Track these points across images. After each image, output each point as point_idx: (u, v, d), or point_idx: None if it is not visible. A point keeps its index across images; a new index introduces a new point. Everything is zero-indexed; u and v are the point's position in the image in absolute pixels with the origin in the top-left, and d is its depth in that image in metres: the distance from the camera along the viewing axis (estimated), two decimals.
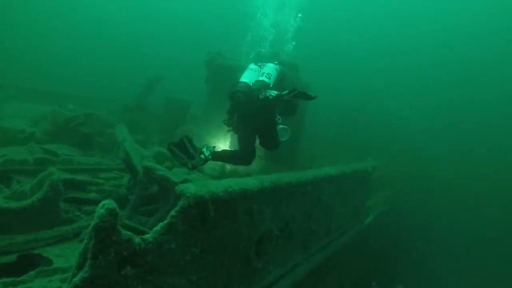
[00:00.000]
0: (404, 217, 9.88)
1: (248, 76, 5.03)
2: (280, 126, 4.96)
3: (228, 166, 5.86)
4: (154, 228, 1.91)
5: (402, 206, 9.55)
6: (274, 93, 4.89)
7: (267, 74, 4.96)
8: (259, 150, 6.36)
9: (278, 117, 5.12)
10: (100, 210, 1.62)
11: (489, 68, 21.12)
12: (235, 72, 6.88)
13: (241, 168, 5.78)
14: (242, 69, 6.84)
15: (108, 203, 1.64)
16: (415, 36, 24.94)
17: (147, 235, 1.86)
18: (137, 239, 1.80)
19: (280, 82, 5.21)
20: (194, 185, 2.15)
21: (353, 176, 5.30)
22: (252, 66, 5.17)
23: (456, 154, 14.59)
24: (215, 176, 5.32)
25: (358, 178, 5.53)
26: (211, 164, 4.79)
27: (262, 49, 6.90)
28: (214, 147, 4.48)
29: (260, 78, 4.90)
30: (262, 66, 5.28)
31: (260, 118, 4.91)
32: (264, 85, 4.81)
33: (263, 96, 4.86)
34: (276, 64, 5.25)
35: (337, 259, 4.73)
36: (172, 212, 2.00)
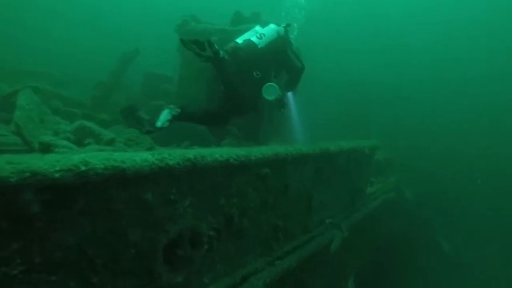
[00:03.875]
0: (416, 205, 8.81)
1: (244, 36, 4.53)
2: (268, 84, 4.25)
3: None
4: None
5: (412, 192, 8.48)
6: (258, 74, 4.42)
7: (260, 34, 4.44)
8: (236, 128, 5.45)
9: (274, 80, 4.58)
10: None
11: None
12: (210, 36, 5.95)
13: None
14: (220, 32, 5.91)
15: None
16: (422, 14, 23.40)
17: None
18: None
19: (280, 47, 4.63)
20: None
21: (342, 157, 4.31)
22: (257, 27, 4.67)
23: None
24: None
25: (350, 159, 4.54)
26: None
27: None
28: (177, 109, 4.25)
29: (249, 37, 4.44)
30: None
31: (243, 82, 4.35)
32: (250, 45, 4.35)
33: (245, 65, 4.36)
34: (281, 26, 4.68)
35: (318, 262, 3.79)
36: None
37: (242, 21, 5.74)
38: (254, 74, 4.35)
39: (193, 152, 2.03)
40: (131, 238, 1.77)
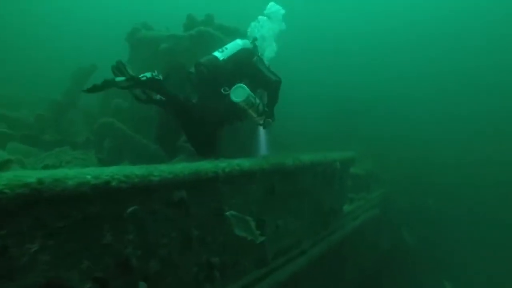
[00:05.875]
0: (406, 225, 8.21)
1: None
2: (236, 85, 3.78)
3: None
4: None
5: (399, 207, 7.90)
6: (227, 90, 3.86)
7: (223, 48, 4.12)
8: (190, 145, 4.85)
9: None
10: None
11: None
12: (160, 44, 5.44)
13: None
14: (170, 39, 5.39)
15: None
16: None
17: None
18: None
19: (245, 58, 4.26)
20: None
21: (306, 172, 3.73)
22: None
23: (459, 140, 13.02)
24: None
25: (316, 174, 3.96)
26: None
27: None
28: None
29: (211, 53, 4.09)
30: None
31: (211, 100, 3.92)
32: (210, 59, 3.98)
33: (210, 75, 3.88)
34: (246, 40, 4.39)
35: None
36: None
37: (195, 25, 5.23)
38: (222, 90, 3.89)
39: (39, 175, 1.42)
40: None
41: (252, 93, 3.80)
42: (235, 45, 4.20)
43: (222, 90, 3.94)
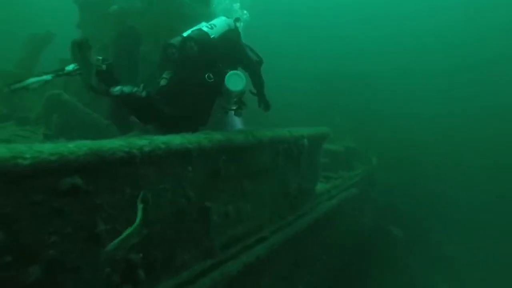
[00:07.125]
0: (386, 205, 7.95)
1: (190, 29, 3.81)
2: (232, 72, 3.39)
3: None
4: None
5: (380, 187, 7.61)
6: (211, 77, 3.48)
7: (211, 24, 3.82)
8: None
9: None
10: None
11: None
12: (110, 5, 4.90)
13: None
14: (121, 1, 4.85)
15: None
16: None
17: None
18: None
19: (233, 41, 3.95)
20: None
21: (265, 150, 3.32)
22: (202, 23, 3.99)
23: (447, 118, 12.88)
24: None
25: (278, 152, 3.55)
26: None
27: None
28: None
29: (198, 27, 3.76)
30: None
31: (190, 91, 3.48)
32: (201, 34, 3.62)
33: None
34: (230, 19, 4.05)
35: None
36: None
37: None
38: (206, 77, 3.51)
39: None
40: None
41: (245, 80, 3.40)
42: (223, 23, 3.88)
43: (206, 76, 3.50)
